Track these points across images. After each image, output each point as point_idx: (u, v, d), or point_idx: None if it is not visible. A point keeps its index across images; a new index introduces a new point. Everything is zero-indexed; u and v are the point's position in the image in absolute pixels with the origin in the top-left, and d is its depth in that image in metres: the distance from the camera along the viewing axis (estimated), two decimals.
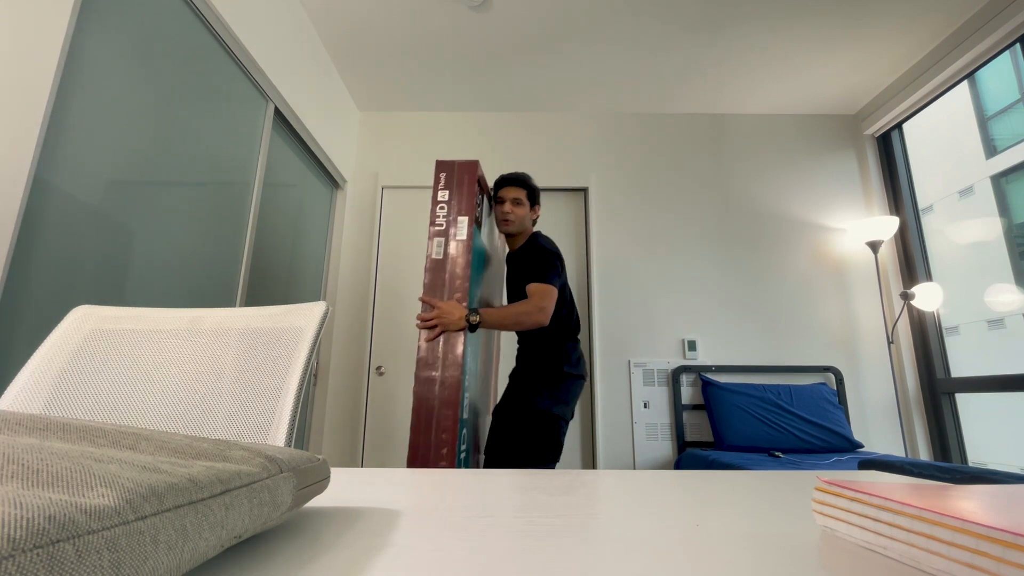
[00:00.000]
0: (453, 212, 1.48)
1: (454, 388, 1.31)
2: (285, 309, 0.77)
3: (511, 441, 1.52)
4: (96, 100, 1.24)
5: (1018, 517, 0.23)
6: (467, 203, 1.49)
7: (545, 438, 1.52)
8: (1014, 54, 2.28)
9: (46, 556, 0.14)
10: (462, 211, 1.48)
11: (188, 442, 0.29)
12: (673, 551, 0.29)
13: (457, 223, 1.47)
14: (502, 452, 1.53)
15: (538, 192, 1.78)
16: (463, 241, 1.44)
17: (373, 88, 2.89)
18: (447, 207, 1.49)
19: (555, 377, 1.59)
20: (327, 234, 2.85)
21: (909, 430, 2.57)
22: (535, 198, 1.76)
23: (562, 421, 1.56)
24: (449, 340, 1.36)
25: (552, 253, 1.61)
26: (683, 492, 0.48)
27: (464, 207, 1.48)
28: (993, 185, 2.52)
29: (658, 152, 3.03)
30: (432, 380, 1.32)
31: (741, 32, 2.42)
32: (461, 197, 1.49)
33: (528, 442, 1.51)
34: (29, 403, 0.66)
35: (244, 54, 1.86)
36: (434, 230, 1.46)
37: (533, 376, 1.60)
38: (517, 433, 1.52)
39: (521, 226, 1.72)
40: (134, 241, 1.38)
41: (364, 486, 0.49)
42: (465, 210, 1.48)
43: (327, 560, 0.27)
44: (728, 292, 2.81)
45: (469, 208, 1.48)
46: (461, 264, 1.42)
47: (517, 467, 1.50)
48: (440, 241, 1.44)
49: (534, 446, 1.50)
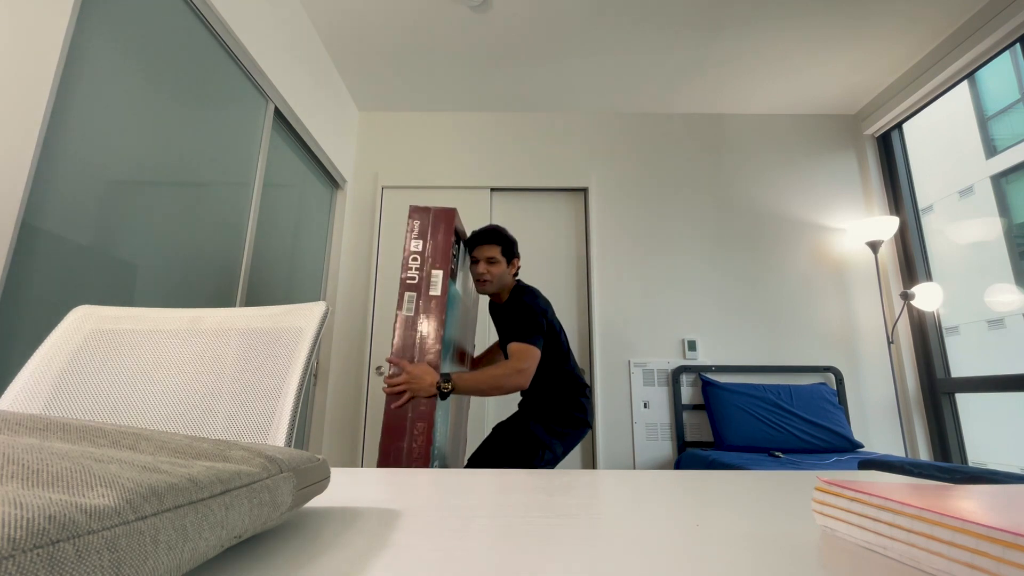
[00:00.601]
0: (427, 265, 1.36)
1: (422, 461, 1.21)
2: (285, 309, 0.77)
3: (492, 451, 1.53)
4: (96, 100, 1.24)
5: (1018, 517, 0.23)
6: (442, 255, 1.36)
7: (523, 457, 1.49)
8: (1014, 54, 2.28)
9: (46, 556, 0.14)
10: (436, 263, 1.36)
11: (188, 442, 0.29)
12: (673, 551, 0.29)
13: (431, 277, 1.34)
14: (481, 458, 1.55)
15: (514, 245, 1.66)
16: (437, 297, 1.32)
17: (373, 88, 2.89)
18: (420, 259, 1.36)
19: (560, 416, 1.57)
20: (327, 234, 2.85)
21: (909, 430, 2.56)
22: (512, 252, 1.65)
23: (547, 451, 1.52)
24: (417, 407, 1.26)
25: (536, 312, 1.53)
26: (683, 492, 0.48)
27: (439, 259, 1.36)
28: (993, 185, 2.52)
29: (658, 152, 3.03)
30: (399, 451, 1.21)
31: (741, 32, 2.42)
32: (436, 248, 1.37)
33: (506, 455, 1.50)
34: (29, 403, 0.66)
35: (244, 54, 1.86)
36: (406, 283, 1.34)
37: (540, 409, 1.60)
38: (501, 446, 1.53)
39: (500, 284, 1.63)
40: (134, 241, 1.38)
41: (364, 486, 0.49)
42: (440, 262, 1.36)
43: (327, 560, 0.27)
44: (728, 292, 2.81)
45: (444, 260, 1.36)
46: (434, 324, 1.31)
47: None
48: (412, 296, 1.32)
49: (510, 460, 1.49)
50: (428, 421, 1.25)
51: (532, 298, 1.58)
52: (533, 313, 1.52)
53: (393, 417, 1.25)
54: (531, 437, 1.52)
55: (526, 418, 1.57)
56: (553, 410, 1.58)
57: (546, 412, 1.58)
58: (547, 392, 1.60)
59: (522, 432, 1.53)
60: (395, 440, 1.23)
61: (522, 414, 1.61)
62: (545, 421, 1.56)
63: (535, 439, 1.52)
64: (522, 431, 1.54)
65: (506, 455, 1.50)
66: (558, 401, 1.59)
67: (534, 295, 1.60)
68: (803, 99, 2.92)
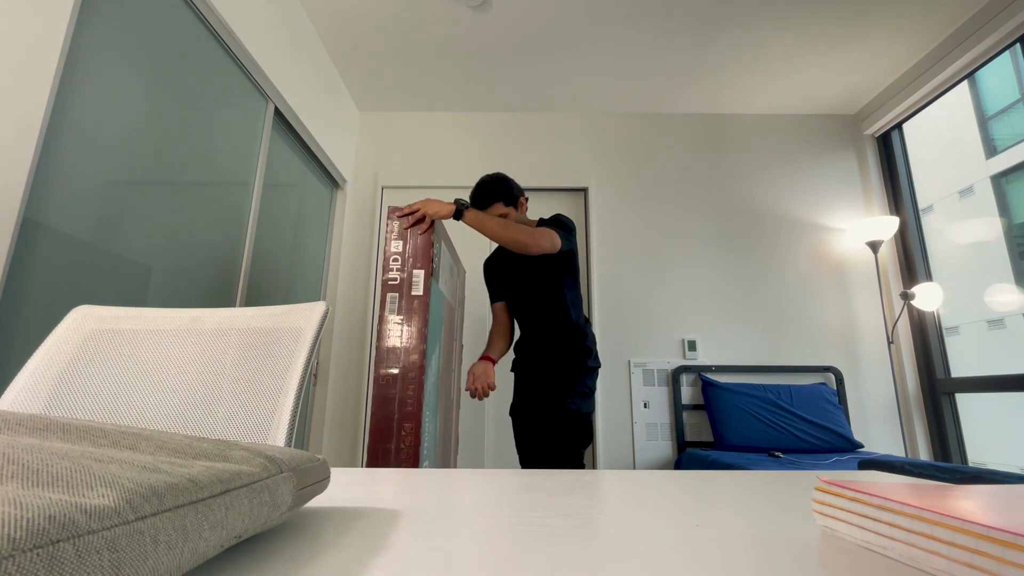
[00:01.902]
0: (408, 266, 1.35)
1: (411, 463, 1.21)
2: (285, 309, 0.77)
3: (548, 442, 1.51)
4: (96, 100, 1.24)
5: (1018, 517, 0.23)
6: (423, 255, 1.35)
7: (581, 436, 1.53)
8: (1014, 54, 2.28)
9: (46, 556, 0.14)
10: (417, 263, 1.35)
11: (188, 442, 0.29)
12: (673, 551, 0.29)
13: (412, 278, 1.34)
14: (538, 452, 1.52)
15: (512, 187, 1.62)
16: (419, 297, 1.32)
17: (373, 88, 2.89)
18: (400, 259, 1.35)
19: (580, 372, 1.56)
20: (327, 234, 2.85)
21: (909, 430, 2.56)
22: (513, 196, 1.61)
23: (592, 415, 1.57)
24: (404, 408, 1.26)
25: (571, 228, 1.59)
26: (683, 492, 0.48)
27: (419, 259, 1.35)
28: (993, 185, 2.52)
29: (658, 152, 3.03)
30: (388, 453, 1.21)
31: (741, 32, 2.42)
32: (416, 248, 1.36)
33: (566, 442, 1.51)
34: (29, 403, 0.66)
35: (244, 54, 1.86)
36: (388, 284, 1.33)
37: (559, 374, 1.57)
38: (554, 434, 1.51)
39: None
40: (134, 241, 1.38)
41: (364, 486, 0.49)
42: (421, 262, 1.35)
43: (327, 560, 0.27)
44: (728, 292, 2.81)
45: (425, 260, 1.35)
46: (418, 324, 1.31)
47: (555, 465, 1.50)
48: (394, 297, 1.32)
49: (572, 445, 1.51)
50: (416, 422, 1.25)
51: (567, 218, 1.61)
52: (568, 227, 1.57)
53: (380, 419, 1.25)
54: (576, 417, 1.52)
55: (560, 396, 1.53)
56: (575, 372, 1.56)
57: (571, 378, 1.55)
58: (563, 357, 1.57)
59: (565, 415, 1.51)
60: (383, 442, 1.23)
61: (549, 392, 1.56)
62: (578, 390, 1.54)
63: (580, 416, 1.52)
64: (565, 414, 1.51)
65: (565, 444, 1.50)
66: (576, 362, 1.57)
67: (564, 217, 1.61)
68: (803, 99, 2.92)
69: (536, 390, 1.59)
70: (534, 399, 1.59)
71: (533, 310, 1.65)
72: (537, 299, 1.63)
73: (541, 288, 1.61)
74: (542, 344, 1.63)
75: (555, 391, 1.54)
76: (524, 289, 1.66)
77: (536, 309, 1.64)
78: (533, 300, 1.64)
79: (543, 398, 1.56)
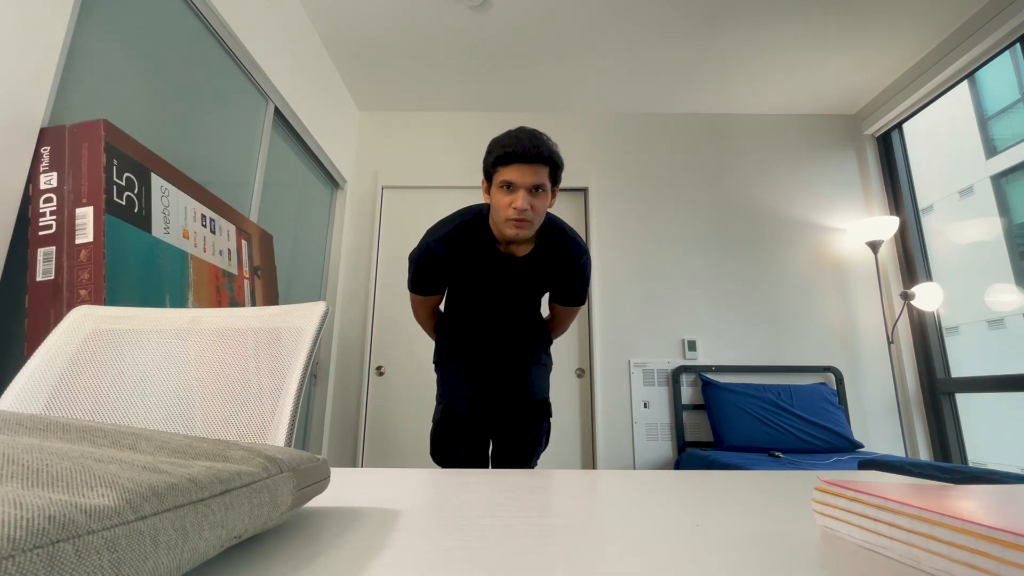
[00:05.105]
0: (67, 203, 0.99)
1: None
2: (285, 309, 0.77)
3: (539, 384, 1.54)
4: (96, 100, 1.24)
5: (1018, 517, 0.23)
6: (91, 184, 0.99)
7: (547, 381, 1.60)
8: (1014, 54, 2.28)
9: (46, 556, 0.14)
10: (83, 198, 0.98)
11: (188, 442, 0.29)
12: (673, 551, 0.29)
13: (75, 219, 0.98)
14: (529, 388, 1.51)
15: (563, 166, 1.21)
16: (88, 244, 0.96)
17: (373, 88, 2.89)
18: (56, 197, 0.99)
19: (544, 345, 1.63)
20: (327, 234, 2.85)
21: (909, 430, 2.56)
22: (559, 178, 1.21)
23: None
24: None
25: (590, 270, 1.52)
26: (683, 492, 0.48)
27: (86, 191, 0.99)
28: (993, 185, 2.52)
29: (658, 152, 3.03)
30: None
31: (741, 32, 2.42)
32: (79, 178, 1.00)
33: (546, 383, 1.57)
34: (29, 403, 0.66)
35: (244, 54, 1.86)
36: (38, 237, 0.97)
37: (542, 337, 1.62)
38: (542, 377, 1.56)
39: (536, 227, 1.22)
40: None
41: (364, 486, 0.49)
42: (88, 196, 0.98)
43: (327, 560, 0.27)
44: (728, 292, 2.81)
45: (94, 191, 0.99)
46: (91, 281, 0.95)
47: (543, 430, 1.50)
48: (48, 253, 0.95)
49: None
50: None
51: (588, 255, 1.40)
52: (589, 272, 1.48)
53: None
54: (549, 364, 1.60)
55: (539, 348, 1.59)
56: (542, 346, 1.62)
57: (545, 338, 1.61)
58: (534, 338, 1.60)
59: (544, 362, 1.58)
60: None
61: (534, 347, 1.59)
62: (547, 345, 1.62)
63: (550, 364, 1.61)
64: (542, 361, 1.57)
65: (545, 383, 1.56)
66: (543, 340, 1.63)
67: (580, 240, 1.39)
68: (803, 99, 2.92)
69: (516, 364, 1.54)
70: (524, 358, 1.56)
71: (509, 308, 1.52)
72: (521, 304, 1.55)
73: (532, 299, 1.59)
74: (512, 332, 1.54)
75: (537, 346, 1.59)
76: (512, 295, 1.48)
77: (515, 308, 1.55)
78: (517, 304, 1.53)
79: (528, 355, 1.56)
